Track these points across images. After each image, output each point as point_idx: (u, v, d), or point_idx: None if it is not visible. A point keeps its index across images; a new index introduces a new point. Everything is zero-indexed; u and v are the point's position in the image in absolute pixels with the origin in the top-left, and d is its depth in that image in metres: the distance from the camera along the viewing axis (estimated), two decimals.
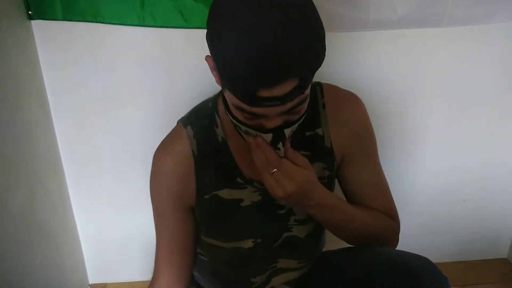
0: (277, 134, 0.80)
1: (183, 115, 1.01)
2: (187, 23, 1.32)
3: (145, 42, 1.38)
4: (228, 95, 0.77)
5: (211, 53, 0.75)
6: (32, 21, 1.33)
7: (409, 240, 1.49)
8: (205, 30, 0.74)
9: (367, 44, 1.45)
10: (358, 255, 1.04)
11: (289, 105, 0.74)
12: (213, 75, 0.82)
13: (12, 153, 1.23)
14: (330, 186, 1.04)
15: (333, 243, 1.16)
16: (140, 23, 1.33)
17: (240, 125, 0.82)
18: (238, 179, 0.97)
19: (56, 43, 1.37)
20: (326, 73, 1.47)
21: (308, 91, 0.77)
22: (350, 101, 1.02)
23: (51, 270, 1.44)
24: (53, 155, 1.51)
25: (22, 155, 1.29)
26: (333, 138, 0.99)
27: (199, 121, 0.98)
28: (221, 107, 0.97)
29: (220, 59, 0.72)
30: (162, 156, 0.98)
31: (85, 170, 1.58)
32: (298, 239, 1.04)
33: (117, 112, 1.49)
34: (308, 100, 0.80)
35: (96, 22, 1.33)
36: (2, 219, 1.17)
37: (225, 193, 0.98)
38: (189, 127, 0.97)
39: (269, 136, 0.80)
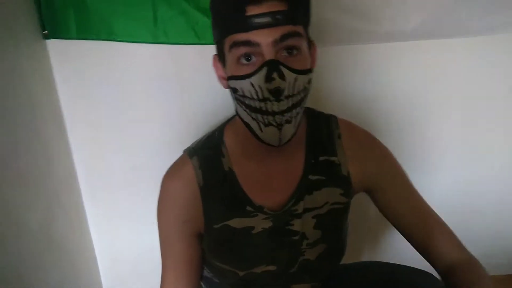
0: (272, 66, 0.79)
1: (189, 145, 1.02)
2: (200, 40, 1.33)
3: (159, 59, 1.39)
4: (226, 46, 0.82)
5: (210, 7, 0.86)
6: (47, 41, 1.35)
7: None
8: None
9: (381, 56, 1.44)
10: (369, 270, 1.07)
11: (279, 30, 0.78)
12: (219, 79, 0.89)
13: (29, 170, 1.24)
14: (346, 212, 1.03)
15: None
16: (153, 40, 1.34)
17: (238, 84, 0.83)
18: (248, 208, 0.96)
19: (71, 62, 1.39)
20: (342, 86, 1.47)
21: (301, 30, 0.81)
22: (369, 143, 1.03)
23: (68, 287, 1.44)
24: (69, 172, 1.52)
25: (39, 172, 1.29)
26: (351, 170, 0.99)
27: (205, 152, 0.98)
28: (227, 137, 0.98)
29: None
30: (169, 182, 0.98)
31: (101, 186, 1.58)
32: (311, 262, 1.02)
33: (132, 129, 1.49)
34: (304, 48, 0.83)
35: (110, 40, 1.34)
36: (20, 236, 1.17)
37: (236, 223, 0.96)
38: (194, 158, 0.97)
39: (263, 72, 0.79)
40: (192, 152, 0.98)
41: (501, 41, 1.43)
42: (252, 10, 0.77)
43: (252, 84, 0.81)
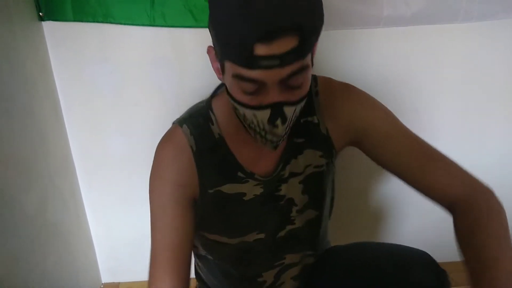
0: (276, 110, 0.79)
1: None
2: (197, 23, 1.32)
3: (156, 42, 1.38)
4: (227, 67, 0.77)
5: (209, 19, 0.76)
6: (43, 22, 1.34)
7: (422, 237, 1.48)
8: None
9: (380, 41, 1.43)
10: (363, 249, 1.07)
11: (288, 69, 0.74)
12: (214, 69, 0.84)
13: (25, 154, 1.24)
14: (328, 175, 1.03)
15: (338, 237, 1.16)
16: (150, 23, 1.33)
17: (240, 107, 0.81)
18: (239, 174, 0.97)
19: (67, 44, 1.38)
20: (340, 70, 1.46)
21: (308, 62, 0.77)
22: (344, 94, 0.99)
23: (64, 270, 1.45)
24: (65, 156, 1.51)
25: (35, 156, 1.29)
26: (330, 128, 0.98)
27: (194, 120, 0.97)
28: (215, 104, 0.97)
29: (218, 16, 0.73)
30: (162, 149, 0.97)
31: (97, 170, 1.58)
32: (299, 229, 1.03)
33: (128, 112, 1.49)
34: (309, 76, 0.80)
35: (106, 22, 1.33)
36: (16, 219, 1.17)
37: (228, 188, 0.97)
38: (185, 126, 0.96)
39: (267, 112, 0.79)
40: (182, 121, 0.98)
41: (501, 27, 1.42)
42: (260, 50, 0.70)
43: (254, 115, 0.81)
